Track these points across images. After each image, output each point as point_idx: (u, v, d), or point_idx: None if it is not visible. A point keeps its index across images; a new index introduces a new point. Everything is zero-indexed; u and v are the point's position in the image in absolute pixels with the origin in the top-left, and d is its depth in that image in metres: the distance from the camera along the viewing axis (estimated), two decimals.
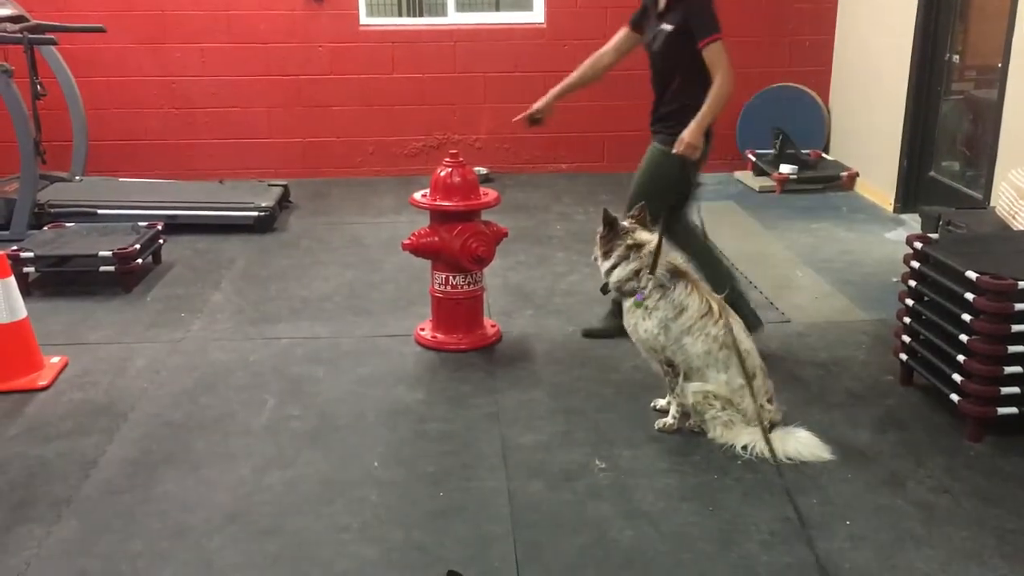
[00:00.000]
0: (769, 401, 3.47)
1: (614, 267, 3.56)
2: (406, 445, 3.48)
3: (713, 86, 3.84)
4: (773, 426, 3.41)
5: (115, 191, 6.52)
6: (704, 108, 3.82)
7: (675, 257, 3.64)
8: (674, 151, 3.83)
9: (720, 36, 3.84)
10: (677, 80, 3.97)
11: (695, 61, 3.85)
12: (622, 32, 4.22)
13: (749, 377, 3.39)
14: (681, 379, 3.49)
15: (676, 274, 3.52)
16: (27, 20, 6.40)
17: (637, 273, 3.50)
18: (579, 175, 7.64)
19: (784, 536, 2.89)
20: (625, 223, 3.62)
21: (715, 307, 3.46)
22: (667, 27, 3.92)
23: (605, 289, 3.69)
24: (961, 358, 3.40)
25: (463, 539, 2.90)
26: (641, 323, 3.51)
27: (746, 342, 3.49)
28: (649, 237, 3.56)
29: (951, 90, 6.32)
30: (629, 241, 3.54)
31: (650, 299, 3.48)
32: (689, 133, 3.81)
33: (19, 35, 5.97)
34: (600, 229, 3.61)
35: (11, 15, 6.29)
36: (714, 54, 3.83)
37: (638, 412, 3.69)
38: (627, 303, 3.57)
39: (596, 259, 3.67)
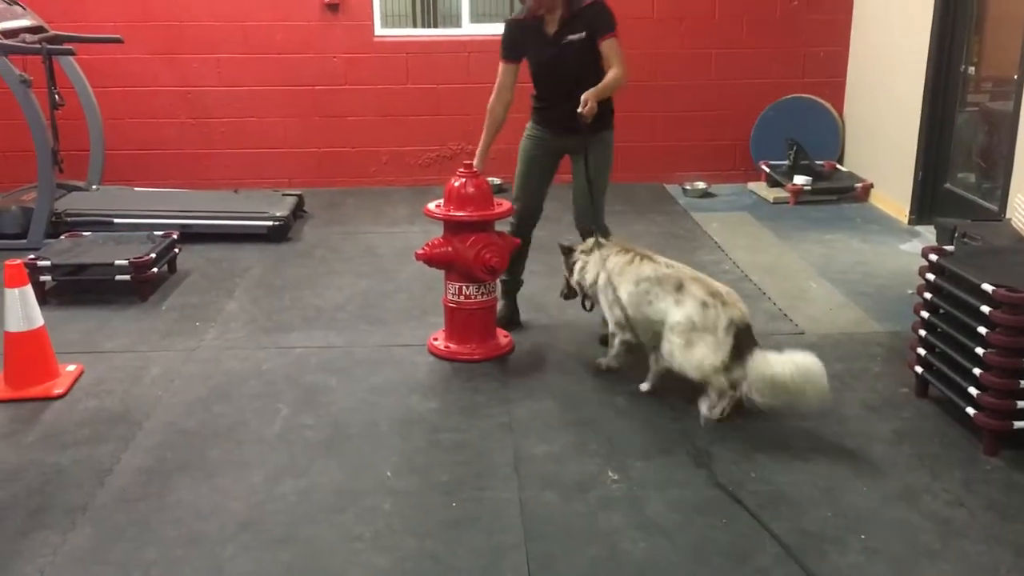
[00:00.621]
0: (713, 296, 3.69)
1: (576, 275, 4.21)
2: (419, 454, 3.49)
3: (612, 71, 4.18)
4: (743, 333, 3.63)
5: (131, 200, 6.57)
6: (603, 84, 4.12)
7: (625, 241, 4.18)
8: (581, 110, 4.02)
9: (616, 34, 4.23)
10: (592, 82, 4.15)
11: (599, 59, 4.21)
12: (505, 68, 4.38)
13: (673, 289, 3.76)
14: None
15: (625, 251, 4.06)
16: (46, 31, 6.47)
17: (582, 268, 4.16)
18: None
19: (799, 549, 2.87)
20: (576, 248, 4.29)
21: (635, 258, 3.99)
22: (577, 37, 4.18)
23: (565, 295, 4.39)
24: (977, 371, 3.38)
25: (476, 549, 2.89)
26: (604, 304, 4.04)
27: (665, 269, 3.89)
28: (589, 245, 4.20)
29: (966, 102, 6.30)
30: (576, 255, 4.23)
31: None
32: (594, 96, 4.04)
33: (38, 45, 6.03)
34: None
35: (30, 26, 6.36)
36: (613, 47, 4.21)
37: (651, 423, 3.69)
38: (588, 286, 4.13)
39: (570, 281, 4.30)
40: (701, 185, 7.47)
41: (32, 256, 5.08)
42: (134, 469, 3.37)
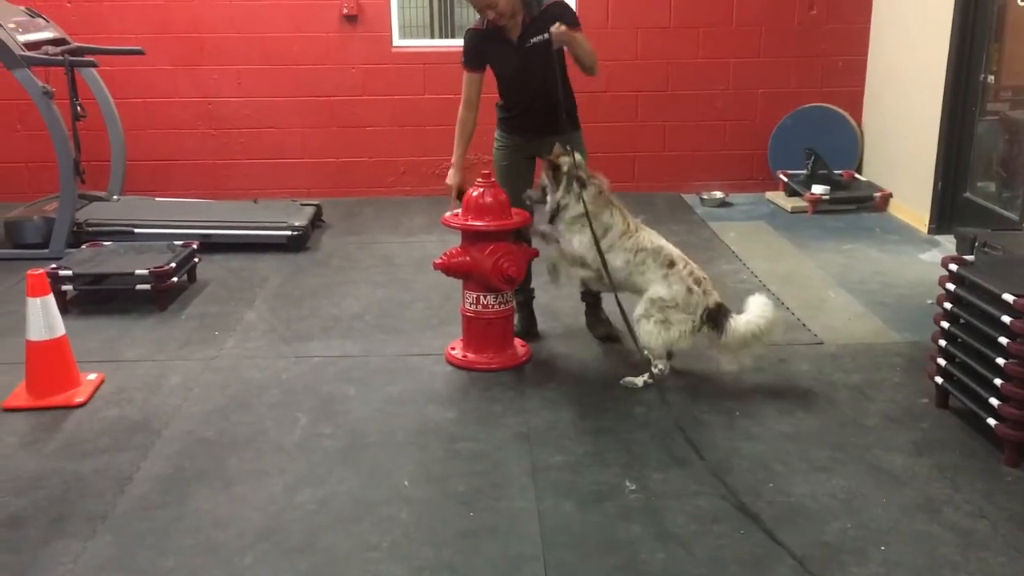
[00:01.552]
0: (697, 283, 4.00)
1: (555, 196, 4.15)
2: (436, 464, 3.49)
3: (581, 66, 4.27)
4: (717, 311, 3.96)
5: (152, 210, 6.62)
6: (579, 37, 4.18)
7: (602, 181, 4.19)
8: (555, 33, 4.07)
9: (580, 28, 4.28)
10: (558, 81, 4.26)
11: (562, 60, 4.26)
12: (471, 78, 4.41)
13: (664, 266, 3.99)
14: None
15: (602, 195, 4.13)
16: (68, 43, 6.55)
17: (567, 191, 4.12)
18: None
19: (818, 561, 2.85)
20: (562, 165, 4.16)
21: (632, 225, 4.11)
22: (540, 39, 4.19)
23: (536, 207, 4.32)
24: (998, 381, 3.35)
25: (493, 559, 2.89)
26: (575, 235, 4.10)
27: (659, 240, 4.10)
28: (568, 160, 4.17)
29: (986, 110, 6.26)
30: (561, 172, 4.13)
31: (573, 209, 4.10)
32: (568, 32, 4.11)
33: (60, 57, 6.10)
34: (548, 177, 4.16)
35: (53, 38, 6.44)
36: (583, 38, 4.24)
37: (668, 433, 3.68)
38: (563, 222, 4.14)
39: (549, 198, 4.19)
40: (718, 194, 7.45)
41: (54, 266, 5.12)
42: (154, 477, 3.39)
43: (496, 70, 4.39)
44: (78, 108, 6.09)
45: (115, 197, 6.86)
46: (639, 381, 4.09)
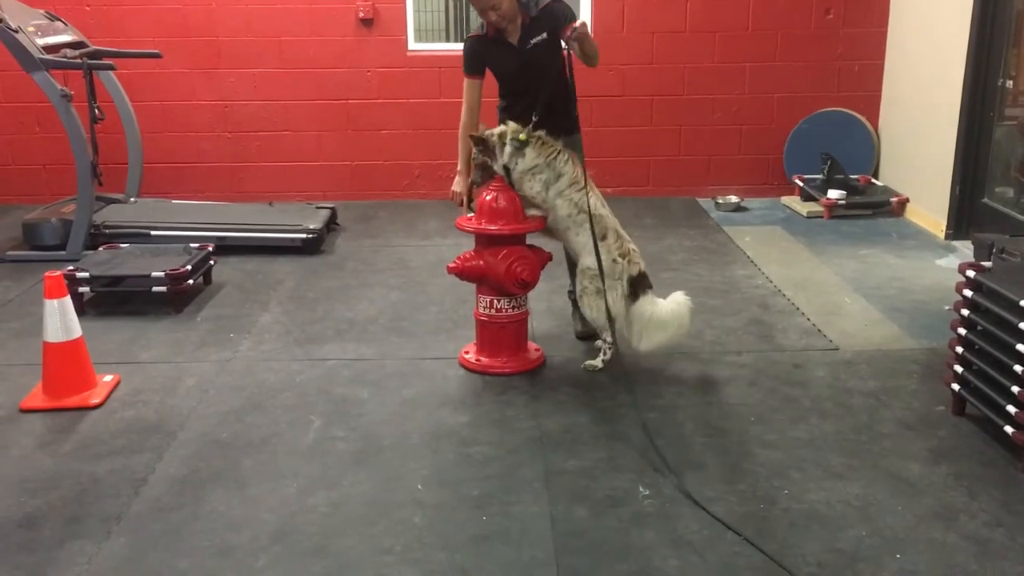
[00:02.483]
0: (623, 256, 4.17)
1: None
2: (450, 468, 3.49)
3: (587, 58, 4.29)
4: (638, 279, 4.17)
5: (168, 213, 6.66)
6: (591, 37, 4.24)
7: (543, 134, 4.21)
8: (578, 27, 4.12)
9: None
10: (558, 80, 4.31)
11: (570, 59, 4.25)
12: (473, 84, 4.42)
13: (598, 237, 4.08)
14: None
15: (545, 145, 4.18)
16: (86, 46, 6.60)
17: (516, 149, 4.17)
18: (624, 199, 7.63)
19: (833, 568, 2.84)
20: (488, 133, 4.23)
21: (581, 181, 4.16)
22: (540, 39, 4.26)
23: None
24: (1016, 389, 3.32)
25: (506, 564, 2.89)
26: (527, 183, 4.17)
27: (601, 209, 4.19)
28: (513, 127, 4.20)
29: (1004, 115, 6.22)
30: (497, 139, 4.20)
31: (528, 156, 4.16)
32: (585, 29, 4.17)
33: (79, 61, 6.15)
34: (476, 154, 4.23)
35: (71, 41, 6.49)
36: None
37: (683, 438, 3.67)
38: (516, 170, 4.18)
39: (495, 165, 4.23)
40: (734, 199, 7.43)
41: (71, 267, 5.16)
42: (168, 479, 3.40)
43: (498, 74, 4.42)
44: (96, 111, 6.12)
45: (132, 199, 6.90)
46: (599, 363, 4.30)
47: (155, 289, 5.14)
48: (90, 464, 3.51)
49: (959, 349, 3.74)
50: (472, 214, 4.31)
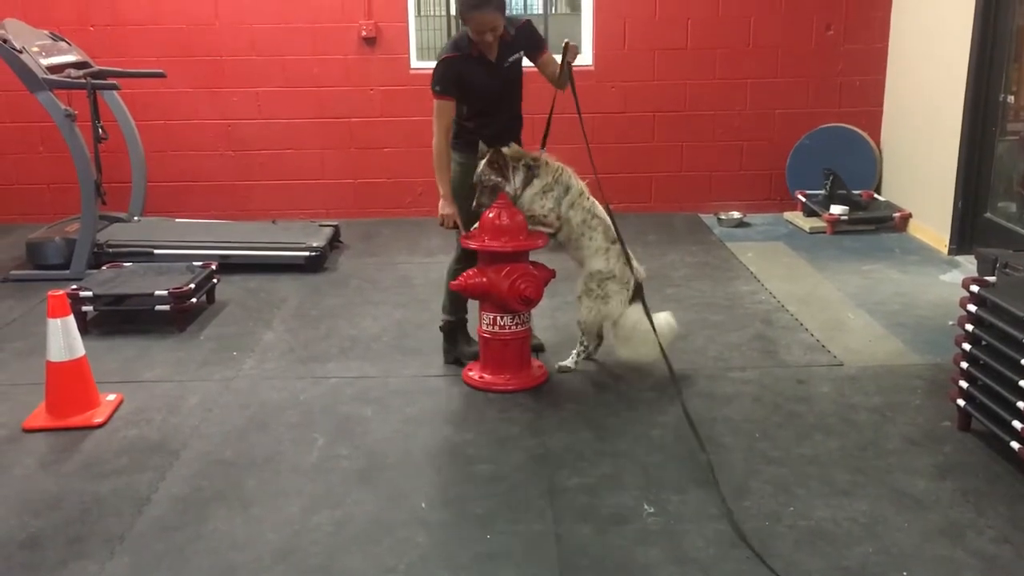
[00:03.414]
0: (628, 260, 4.30)
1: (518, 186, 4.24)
2: (453, 486, 3.48)
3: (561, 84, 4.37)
4: (638, 287, 4.32)
5: (171, 231, 6.67)
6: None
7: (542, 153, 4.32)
8: (572, 49, 4.25)
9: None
10: (520, 98, 4.46)
11: (521, 77, 4.41)
12: (448, 106, 4.28)
13: (608, 241, 4.28)
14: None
15: (548, 165, 4.27)
16: (90, 66, 6.63)
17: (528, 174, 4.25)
18: (627, 215, 7.62)
19: None
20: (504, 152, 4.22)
21: (586, 191, 4.32)
22: (515, 57, 4.30)
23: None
24: (1021, 404, 3.31)
25: None
26: (538, 203, 4.23)
27: (606, 217, 4.33)
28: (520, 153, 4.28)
29: (1006, 130, 6.23)
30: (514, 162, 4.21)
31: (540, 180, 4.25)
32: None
33: (83, 80, 6.17)
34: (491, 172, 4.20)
35: (75, 61, 6.52)
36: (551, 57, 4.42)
37: (687, 456, 3.65)
38: (528, 193, 4.24)
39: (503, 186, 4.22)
40: (736, 215, 7.43)
41: (74, 287, 5.16)
42: (171, 498, 3.39)
43: (476, 93, 4.27)
44: (100, 130, 6.14)
45: (135, 218, 6.92)
46: (570, 363, 4.47)
47: (158, 308, 5.15)
48: (93, 483, 3.50)
49: (964, 364, 3.73)
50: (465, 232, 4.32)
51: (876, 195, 7.56)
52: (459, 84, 4.24)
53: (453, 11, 8.39)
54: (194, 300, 5.25)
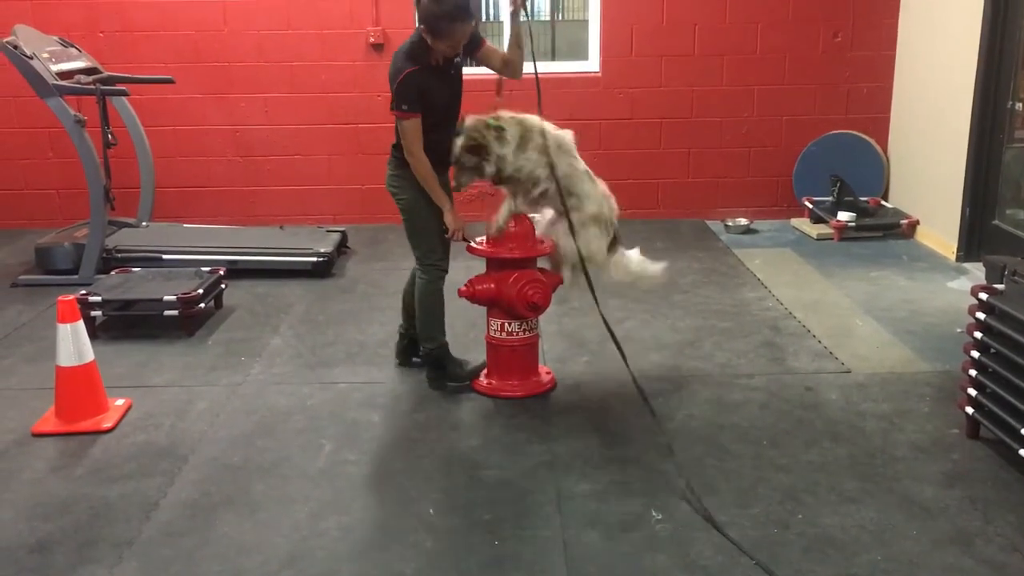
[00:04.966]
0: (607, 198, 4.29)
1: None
2: (461, 492, 3.48)
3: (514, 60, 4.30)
4: (617, 237, 4.33)
5: (180, 237, 6.69)
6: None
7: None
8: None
9: None
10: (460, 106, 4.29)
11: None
12: (417, 122, 4.06)
13: (593, 180, 4.25)
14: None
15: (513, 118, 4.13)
16: (100, 72, 6.66)
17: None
18: (634, 221, 7.64)
19: None
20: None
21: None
22: (458, 60, 4.16)
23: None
24: None
25: None
26: (522, 158, 4.06)
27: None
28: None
29: (1014, 137, 6.22)
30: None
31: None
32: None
33: (92, 87, 6.20)
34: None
35: (85, 67, 6.55)
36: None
37: (695, 463, 3.65)
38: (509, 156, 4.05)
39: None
40: (743, 221, 7.43)
41: (84, 291, 5.18)
42: (180, 503, 3.40)
43: (434, 105, 4.08)
44: (109, 136, 6.17)
45: (144, 223, 6.94)
46: (500, 222, 4.17)
47: (167, 313, 5.16)
48: (102, 488, 3.51)
49: (972, 372, 3.72)
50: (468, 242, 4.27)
51: (883, 202, 7.55)
52: (425, 97, 4.02)
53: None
54: (202, 305, 5.26)
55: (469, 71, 4.32)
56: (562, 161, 4.14)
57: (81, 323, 4.06)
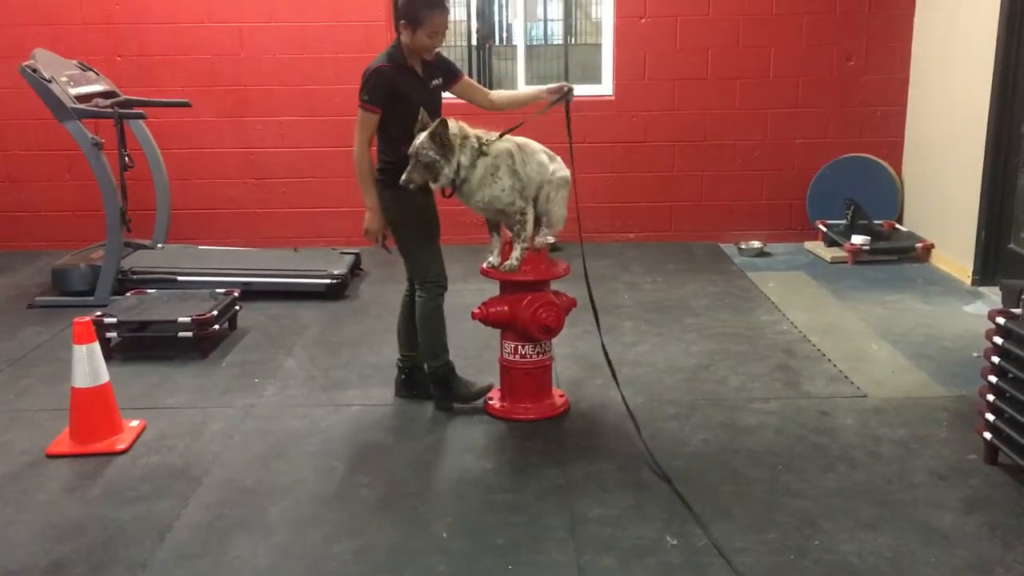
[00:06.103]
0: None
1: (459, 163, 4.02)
2: (474, 515, 3.47)
3: (496, 92, 4.55)
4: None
5: (194, 258, 6.72)
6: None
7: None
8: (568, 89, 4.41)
9: None
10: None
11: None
12: (374, 117, 4.14)
13: (550, 156, 4.30)
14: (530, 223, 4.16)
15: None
16: (117, 95, 6.72)
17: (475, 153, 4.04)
18: (647, 244, 7.65)
19: None
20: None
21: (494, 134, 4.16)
22: (438, 82, 4.27)
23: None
24: None
25: None
26: (497, 185, 4.06)
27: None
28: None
29: None
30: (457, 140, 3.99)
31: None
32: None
33: (110, 110, 6.26)
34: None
35: (103, 91, 6.61)
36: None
37: (710, 488, 3.63)
38: (475, 179, 4.07)
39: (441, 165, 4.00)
40: (756, 244, 7.42)
41: (99, 313, 5.21)
42: (193, 525, 3.40)
43: (408, 107, 4.05)
44: (126, 159, 6.22)
45: (159, 245, 6.98)
46: (515, 262, 4.18)
47: (181, 334, 5.18)
48: (116, 510, 3.51)
49: (990, 397, 3.69)
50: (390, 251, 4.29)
51: (898, 225, 7.53)
52: (392, 96, 4.06)
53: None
54: (216, 327, 5.28)
55: None
56: (531, 169, 4.17)
57: (96, 344, 4.08)
